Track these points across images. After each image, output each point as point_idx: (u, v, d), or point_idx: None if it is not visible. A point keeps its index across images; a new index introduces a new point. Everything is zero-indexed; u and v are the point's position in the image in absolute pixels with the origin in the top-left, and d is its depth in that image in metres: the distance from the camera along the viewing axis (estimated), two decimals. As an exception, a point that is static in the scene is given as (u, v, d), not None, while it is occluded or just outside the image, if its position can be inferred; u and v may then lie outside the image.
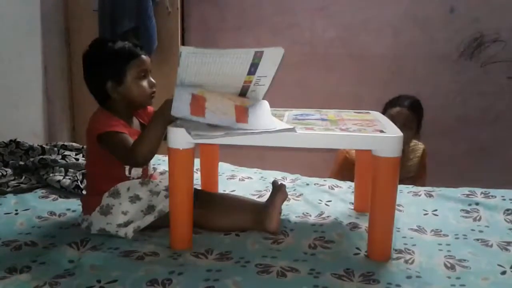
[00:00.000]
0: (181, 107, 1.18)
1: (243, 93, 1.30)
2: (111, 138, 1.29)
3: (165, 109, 1.21)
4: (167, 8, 2.84)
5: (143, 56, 1.36)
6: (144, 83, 1.36)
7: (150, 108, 1.47)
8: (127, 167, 1.37)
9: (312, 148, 1.24)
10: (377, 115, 1.48)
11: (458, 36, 2.73)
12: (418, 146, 2.28)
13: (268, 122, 1.23)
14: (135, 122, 1.45)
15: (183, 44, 3.01)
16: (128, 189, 1.34)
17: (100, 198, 1.34)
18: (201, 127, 1.17)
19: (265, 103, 1.31)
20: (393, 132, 1.20)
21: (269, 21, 2.98)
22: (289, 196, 1.55)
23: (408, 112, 2.12)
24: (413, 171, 2.22)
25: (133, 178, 1.38)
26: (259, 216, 1.33)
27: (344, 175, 2.16)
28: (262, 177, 1.89)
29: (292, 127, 1.19)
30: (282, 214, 1.41)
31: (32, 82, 2.65)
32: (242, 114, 1.22)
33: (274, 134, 1.18)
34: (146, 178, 1.42)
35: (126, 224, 1.31)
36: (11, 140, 2.01)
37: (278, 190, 1.38)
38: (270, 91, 1.34)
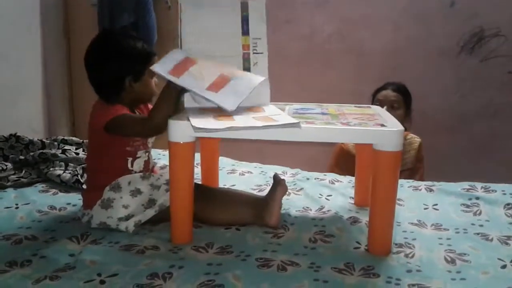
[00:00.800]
0: (165, 64, 1.23)
1: (246, 67, 1.30)
2: (121, 120, 1.30)
3: (168, 88, 1.25)
4: (166, 3, 2.83)
5: (156, 57, 1.39)
6: (152, 82, 1.40)
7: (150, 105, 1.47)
8: (129, 160, 1.37)
9: (312, 142, 1.24)
10: (378, 109, 1.48)
11: (458, 31, 2.72)
12: (415, 139, 2.29)
13: (239, 99, 1.21)
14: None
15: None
16: (129, 183, 1.34)
17: (101, 192, 1.34)
18: (203, 121, 1.17)
19: (260, 82, 1.28)
20: (394, 126, 1.20)
21: (268, 15, 2.96)
22: (289, 191, 1.55)
23: (393, 93, 2.22)
24: (409, 164, 2.24)
25: (135, 172, 1.38)
26: (259, 211, 1.33)
27: (341, 166, 2.18)
28: (262, 171, 1.89)
29: (297, 121, 1.18)
30: (282, 208, 1.41)
31: (31, 77, 2.65)
32: (219, 84, 1.21)
33: (275, 129, 1.18)
34: (147, 171, 1.42)
35: (127, 218, 1.31)
36: (11, 135, 2.00)
37: (278, 184, 1.38)
38: (269, 86, 1.34)
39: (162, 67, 1.22)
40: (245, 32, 1.29)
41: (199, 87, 1.20)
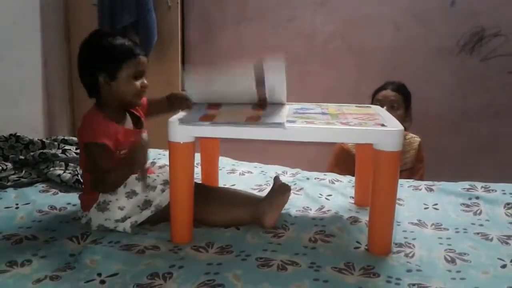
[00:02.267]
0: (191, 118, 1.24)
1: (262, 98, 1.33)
2: (92, 151, 1.29)
3: (135, 152, 1.26)
4: (167, 2, 2.83)
5: (142, 57, 1.34)
6: (137, 83, 1.34)
7: (144, 100, 1.45)
8: None
9: (312, 142, 1.24)
10: (378, 109, 1.48)
11: (458, 30, 2.72)
12: (414, 139, 2.29)
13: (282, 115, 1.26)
14: (129, 118, 1.42)
15: (183, 38, 3.00)
16: (125, 185, 1.33)
17: (96, 195, 1.33)
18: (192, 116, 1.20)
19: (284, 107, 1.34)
20: (394, 126, 1.19)
21: (270, 15, 2.97)
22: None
23: (393, 93, 2.21)
24: (409, 164, 2.24)
25: None
26: (257, 212, 1.33)
27: (341, 166, 2.18)
28: (262, 171, 1.89)
29: (282, 121, 1.19)
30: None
31: (31, 77, 2.64)
32: (254, 118, 1.24)
33: (275, 129, 1.18)
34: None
35: (123, 220, 1.31)
36: (11, 134, 2.00)
37: (277, 186, 1.37)
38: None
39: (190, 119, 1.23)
40: (261, 85, 1.29)
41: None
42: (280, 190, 1.36)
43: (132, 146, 1.30)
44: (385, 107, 2.07)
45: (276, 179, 1.41)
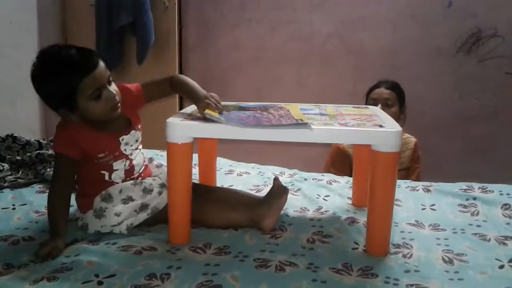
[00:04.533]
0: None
1: None
2: (56, 161, 1.29)
3: (45, 244, 1.18)
4: (164, 3, 2.83)
5: (95, 71, 1.19)
6: (100, 103, 1.23)
7: (137, 86, 1.38)
8: (105, 174, 1.31)
9: (310, 143, 1.24)
10: (376, 110, 1.48)
11: (455, 31, 2.73)
12: (410, 139, 2.30)
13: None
14: (119, 120, 1.33)
15: (180, 39, 3.00)
16: (121, 191, 1.31)
17: (90, 199, 1.31)
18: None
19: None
20: (392, 127, 1.20)
21: (267, 16, 2.97)
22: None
23: (387, 91, 2.24)
24: (405, 164, 2.25)
25: (117, 183, 1.33)
26: (254, 215, 1.31)
27: (337, 166, 2.19)
28: (260, 172, 1.89)
29: (306, 122, 1.18)
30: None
31: (28, 77, 2.62)
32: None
33: (272, 130, 1.18)
34: (135, 178, 1.36)
35: (119, 223, 1.30)
36: (7, 135, 1.99)
37: (279, 194, 1.34)
38: (268, 87, 1.35)
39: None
40: None
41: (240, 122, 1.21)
42: (278, 193, 1.35)
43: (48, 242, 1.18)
44: (379, 105, 2.08)
45: (276, 180, 1.39)
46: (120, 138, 1.32)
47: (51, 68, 1.21)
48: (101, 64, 1.23)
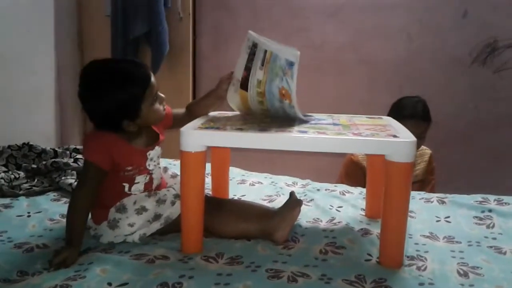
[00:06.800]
0: None
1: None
2: (85, 168, 1.28)
3: (60, 252, 1.19)
4: (179, 14, 2.85)
5: (153, 80, 1.28)
6: (158, 106, 1.31)
7: (168, 110, 1.43)
8: (126, 185, 1.32)
9: (323, 153, 1.23)
10: (389, 120, 1.47)
11: (471, 41, 2.71)
12: (425, 151, 2.27)
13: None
14: (145, 133, 1.36)
15: (194, 49, 3.02)
16: (135, 202, 1.32)
17: (105, 211, 1.31)
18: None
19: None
20: (407, 137, 1.19)
21: (281, 25, 2.98)
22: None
23: (424, 124, 2.09)
24: (420, 176, 2.22)
25: (135, 194, 1.34)
26: (267, 227, 1.31)
27: (350, 177, 2.16)
28: (272, 182, 1.88)
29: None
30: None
31: (44, 86, 2.67)
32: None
33: (286, 139, 1.18)
34: (151, 191, 1.38)
35: (132, 233, 1.31)
36: (24, 143, 2.02)
37: (292, 206, 1.34)
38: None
39: None
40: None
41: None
42: (291, 205, 1.35)
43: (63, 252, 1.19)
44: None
45: (292, 194, 1.39)
46: (148, 153, 1.35)
47: (115, 84, 1.25)
48: (152, 74, 1.30)
